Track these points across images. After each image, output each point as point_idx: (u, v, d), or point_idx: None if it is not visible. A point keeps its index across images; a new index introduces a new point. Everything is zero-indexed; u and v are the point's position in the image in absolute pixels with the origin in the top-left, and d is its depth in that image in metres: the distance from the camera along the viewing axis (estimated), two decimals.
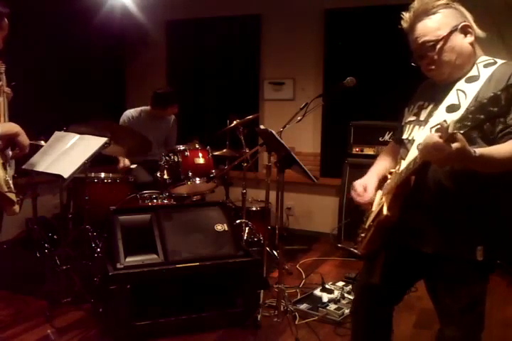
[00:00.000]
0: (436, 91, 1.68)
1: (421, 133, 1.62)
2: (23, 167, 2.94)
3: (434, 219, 1.59)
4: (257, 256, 2.92)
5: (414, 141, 1.64)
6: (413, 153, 1.59)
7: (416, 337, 2.73)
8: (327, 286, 3.22)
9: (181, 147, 3.69)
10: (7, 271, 3.50)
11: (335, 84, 2.78)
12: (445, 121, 1.32)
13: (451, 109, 1.53)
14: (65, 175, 2.75)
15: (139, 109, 4.15)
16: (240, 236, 3.82)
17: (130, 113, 4.10)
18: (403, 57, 1.75)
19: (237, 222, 3.94)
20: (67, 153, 2.92)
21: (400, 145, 1.79)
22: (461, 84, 1.57)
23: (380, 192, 1.75)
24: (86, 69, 4.82)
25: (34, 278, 3.31)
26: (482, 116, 1.25)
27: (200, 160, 3.68)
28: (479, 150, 1.36)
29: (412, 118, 1.73)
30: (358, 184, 1.79)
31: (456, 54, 1.57)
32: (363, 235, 1.73)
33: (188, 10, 5.01)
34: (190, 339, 2.66)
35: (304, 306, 3.00)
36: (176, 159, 3.65)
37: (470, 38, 1.59)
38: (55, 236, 3.90)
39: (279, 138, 2.71)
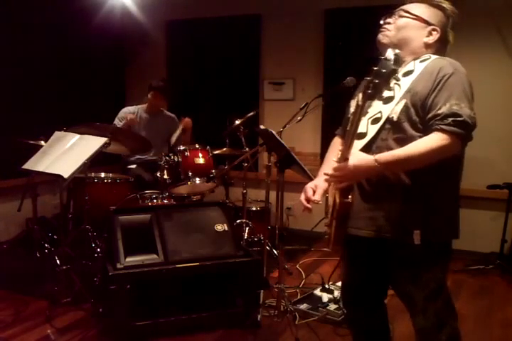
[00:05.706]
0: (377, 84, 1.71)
1: (360, 123, 1.61)
2: (23, 167, 2.95)
3: (370, 205, 1.61)
4: (257, 256, 2.92)
5: None
6: (356, 143, 1.60)
7: None
8: (327, 286, 3.22)
9: (181, 147, 3.70)
10: (7, 271, 3.50)
11: (335, 84, 2.77)
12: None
13: (387, 100, 1.60)
14: (65, 175, 2.74)
15: (136, 106, 4.20)
16: (240, 236, 3.82)
17: (128, 109, 4.14)
18: None
19: (237, 222, 3.94)
20: (67, 153, 2.92)
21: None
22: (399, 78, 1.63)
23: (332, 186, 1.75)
24: (86, 69, 4.82)
25: (34, 278, 3.32)
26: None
27: (200, 160, 3.69)
28: (381, 158, 1.48)
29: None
30: (309, 187, 1.83)
31: (403, 37, 1.69)
32: (329, 231, 1.72)
33: (188, 10, 5.01)
34: (190, 339, 2.66)
35: (304, 306, 3.00)
36: (176, 159, 3.66)
37: (429, 38, 1.68)
38: (55, 236, 3.91)
39: (279, 138, 2.71)
